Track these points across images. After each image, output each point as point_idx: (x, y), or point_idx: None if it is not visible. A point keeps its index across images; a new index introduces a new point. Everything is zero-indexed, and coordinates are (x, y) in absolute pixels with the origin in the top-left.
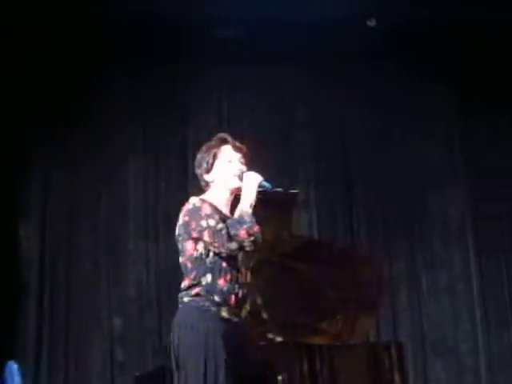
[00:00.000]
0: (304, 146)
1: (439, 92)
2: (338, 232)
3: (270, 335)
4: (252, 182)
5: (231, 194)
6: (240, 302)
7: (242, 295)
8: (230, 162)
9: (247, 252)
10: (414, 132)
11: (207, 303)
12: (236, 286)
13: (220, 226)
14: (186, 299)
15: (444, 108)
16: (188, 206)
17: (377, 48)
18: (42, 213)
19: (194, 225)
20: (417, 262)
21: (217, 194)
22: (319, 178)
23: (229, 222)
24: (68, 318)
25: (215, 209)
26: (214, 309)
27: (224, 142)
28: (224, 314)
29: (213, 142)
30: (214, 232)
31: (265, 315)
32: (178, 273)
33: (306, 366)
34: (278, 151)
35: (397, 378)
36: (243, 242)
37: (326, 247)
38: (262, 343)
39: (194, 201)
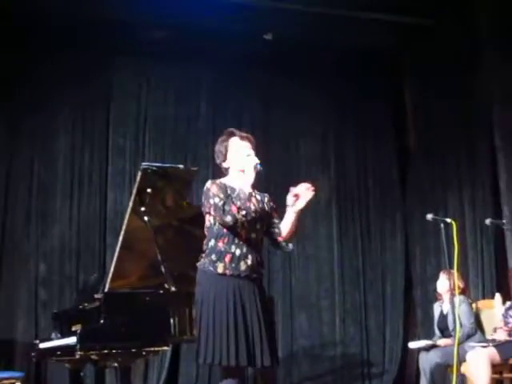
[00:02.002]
0: (206, 132)
1: (318, 100)
2: None
3: (166, 285)
4: (250, 164)
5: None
6: (236, 259)
7: (240, 254)
8: (237, 151)
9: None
10: (296, 130)
11: (207, 264)
12: (232, 247)
13: (221, 203)
14: (198, 262)
15: (321, 113)
16: (204, 189)
17: (268, 57)
18: None
19: (206, 202)
20: None
21: (234, 176)
22: None
23: (228, 199)
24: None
25: (224, 187)
26: (211, 268)
27: (231, 134)
28: (220, 270)
29: (224, 136)
30: (216, 208)
31: (163, 269)
32: (94, 228)
33: (193, 312)
34: (185, 136)
35: None
36: (235, 216)
37: None
38: (159, 291)
39: (207, 184)
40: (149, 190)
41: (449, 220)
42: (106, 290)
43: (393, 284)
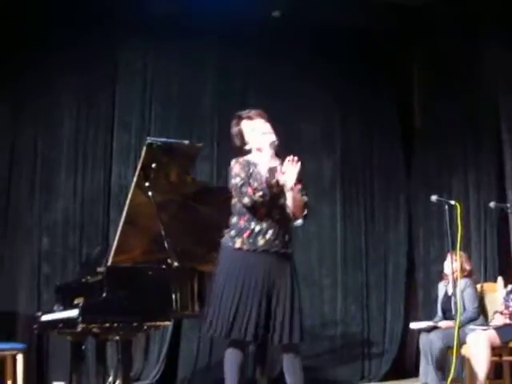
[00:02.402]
0: (211, 110)
1: (322, 82)
2: None
3: (169, 260)
4: (266, 143)
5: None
6: (254, 235)
7: (259, 229)
8: (252, 130)
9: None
10: (300, 113)
11: (228, 239)
12: (252, 223)
13: (240, 183)
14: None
15: (326, 96)
16: (229, 167)
17: (274, 37)
18: None
19: (229, 182)
20: None
21: (257, 154)
22: (222, 138)
23: (247, 179)
24: (4, 237)
25: (247, 165)
26: (230, 244)
27: (240, 118)
28: (237, 245)
29: (234, 122)
30: (236, 189)
31: (166, 244)
32: (98, 202)
33: (195, 287)
34: (190, 113)
35: None
36: (252, 197)
37: (221, 193)
38: (162, 266)
39: (231, 162)
40: (153, 165)
41: (453, 202)
42: (108, 263)
43: (395, 265)
